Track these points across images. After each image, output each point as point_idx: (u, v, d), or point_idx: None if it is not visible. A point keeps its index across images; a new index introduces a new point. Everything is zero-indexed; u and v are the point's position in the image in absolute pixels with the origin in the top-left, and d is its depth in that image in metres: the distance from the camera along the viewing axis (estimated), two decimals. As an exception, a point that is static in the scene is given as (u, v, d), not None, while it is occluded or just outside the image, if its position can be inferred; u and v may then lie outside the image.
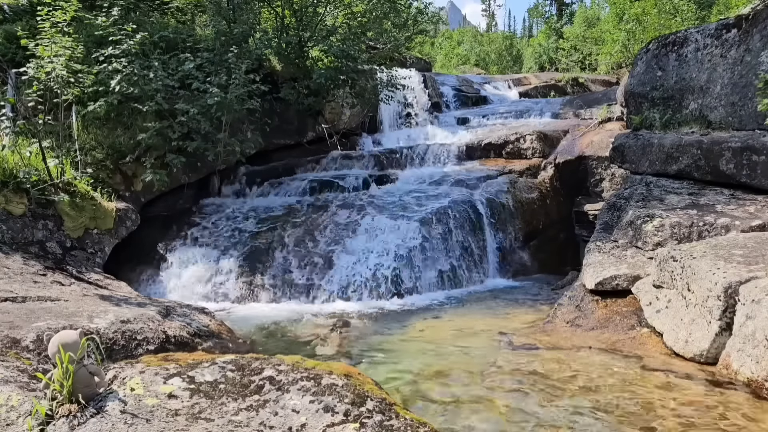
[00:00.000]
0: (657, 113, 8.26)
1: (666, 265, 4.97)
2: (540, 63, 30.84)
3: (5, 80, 8.05)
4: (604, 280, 5.81)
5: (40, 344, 3.64)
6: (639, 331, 5.09)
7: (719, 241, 5.08)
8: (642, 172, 7.97)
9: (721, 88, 7.52)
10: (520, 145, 11.53)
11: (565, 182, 10.12)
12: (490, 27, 51.06)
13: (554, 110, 14.34)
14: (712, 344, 4.17)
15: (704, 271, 4.38)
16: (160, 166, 8.93)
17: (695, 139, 7.32)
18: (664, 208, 6.57)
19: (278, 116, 11.43)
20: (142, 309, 5.13)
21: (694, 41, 7.96)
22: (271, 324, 6.48)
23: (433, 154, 11.91)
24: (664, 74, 8.34)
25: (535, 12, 40.45)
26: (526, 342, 5.08)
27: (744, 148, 6.71)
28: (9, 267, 5.83)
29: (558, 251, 9.60)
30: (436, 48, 37.87)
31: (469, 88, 17.87)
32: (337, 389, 2.64)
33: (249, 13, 12.19)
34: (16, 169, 6.72)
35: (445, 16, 42.69)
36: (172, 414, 2.49)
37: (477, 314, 6.65)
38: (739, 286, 4.04)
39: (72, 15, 7.59)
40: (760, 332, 3.65)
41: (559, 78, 19.76)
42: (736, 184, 6.84)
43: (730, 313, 4.09)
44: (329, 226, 8.67)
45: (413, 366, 4.51)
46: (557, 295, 6.87)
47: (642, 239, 6.27)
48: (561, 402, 3.53)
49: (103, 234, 7.49)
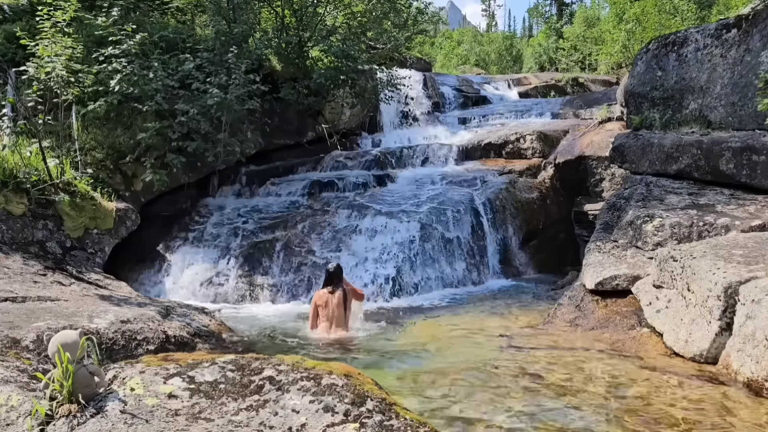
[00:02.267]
0: (657, 113, 8.27)
1: (666, 265, 4.97)
2: (540, 63, 30.86)
3: (5, 80, 8.05)
4: (604, 280, 5.81)
5: (40, 344, 3.64)
6: (639, 331, 5.08)
7: (719, 241, 5.08)
8: (642, 172, 7.96)
9: (721, 88, 7.52)
10: (520, 145, 11.53)
11: (565, 182, 10.12)
12: (490, 27, 51.06)
13: (554, 110, 14.35)
14: (712, 344, 4.16)
15: (704, 271, 4.38)
16: (160, 166, 8.93)
17: (695, 139, 7.32)
18: (664, 208, 6.57)
19: (278, 116, 11.43)
20: (142, 309, 5.13)
21: (694, 41, 7.96)
22: (270, 324, 6.48)
23: (433, 154, 11.91)
24: (664, 74, 8.34)
25: (535, 12, 40.49)
26: (526, 342, 5.07)
27: (744, 148, 6.71)
28: (9, 267, 5.83)
29: (558, 251, 9.60)
30: (436, 48, 37.88)
31: (469, 88, 17.88)
32: (337, 389, 2.64)
33: (249, 13, 12.19)
34: (16, 169, 6.73)
35: (445, 16, 42.69)
36: (172, 414, 2.49)
37: (477, 314, 6.65)
38: (739, 286, 4.04)
39: (72, 15, 7.60)
40: (760, 332, 3.65)
41: (559, 78, 19.78)
42: (736, 184, 6.84)
43: (730, 313, 4.08)
44: (329, 227, 8.68)
45: (412, 366, 4.51)
46: (557, 295, 6.87)
47: (642, 239, 6.27)
48: (560, 402, 3.53)
49: (103, 234, 7.49)
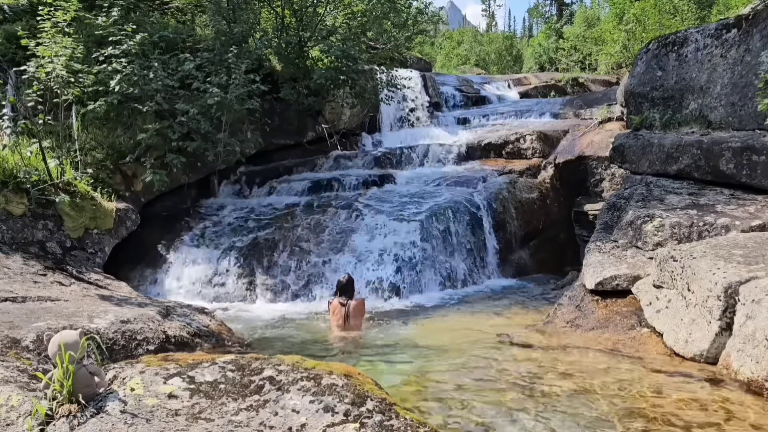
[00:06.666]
0: (657, 113, 8.26)
1: (666, 265, 4.96)
2: (540, 63, 30.85)
3: (5, 80, 8.05)
4: (604, 280, 5.80)
5: (40, 344, 3.63)
6: (639, 331, 5.08)
7: (719, 241, 5.08)
8: (642, 172, 7.96)
9: (721, 88, 7.51)
10: (520, 145, 11.53)
11: (565, 182, 10.11)
12: (490, 27, 51.03)
13: (554, 110, 14.35)
14: (712, 344, 4.16)
15: (704, 271, 4.37)
16: (160, 166, 8.93)
17: (695, 139, 7.31)
18: (664, 208, 6.57)
19: (278, 116, 11.43)
20: (142, 309, 5.12)
21: (694, 41, 7.95)
22: (271, 324, 6.48)
23: (433, 154, 11.92)
24: (664, 74, 8.34)
25: (535, 12, 40.49)
26: (526, 342, 5.07)
27: (744, 148, 6.71)
28: (9, 267, 5.83)
29: (558, 251, 9.60)
30: (436, 48, 37.88)
31: (469, 88, 17.87)
32: (337, 389, 2.64)
33: (249, 13, 12.19)
34: (16, 169, 6.72)
35: (445, 16, 42.67)
36: (172, 414, 2.49)
37: (477, 314, 6.64)
38: (739, 286, 4.03)
39: (72, 15, 7.59)
40: (760, 332, 3.65)
41: (559, 78, 19.75)
42: (736, 184, 6.83)
43: (730, 313, 4.08)
44: (329, 227, 8.67)
45: (413, 366, 4.51)
46: (557, 296, 6.86)
47: (642, 239, 6.27)
48: (560, 402, 3.52)
49: (103, 234, 7.48)
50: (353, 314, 6.07)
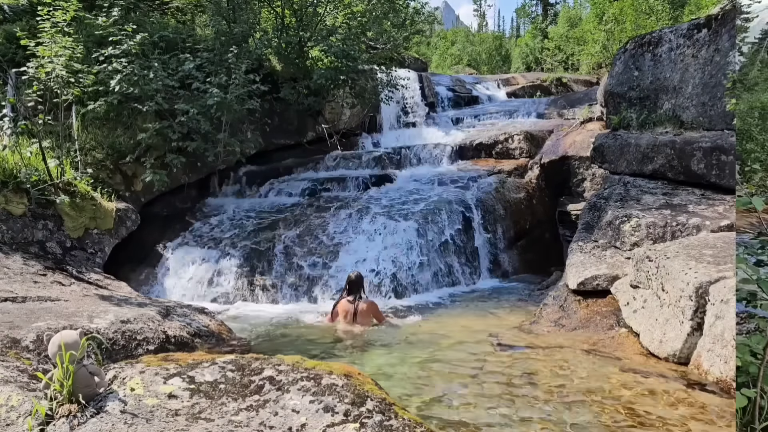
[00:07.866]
0: (634, 113, 8.28)
1: (642, 265, 4.98)
2: (527, 63, 31.01)
3: (5, 80, 8.05)
4: (585, 280, 5.84)
5: (40, 344, 3.64)
6: (617, 331, 5.10)
7: (691, 241, 5.12)
8: (620, 172, 8.00)
9: (692, 88, 7.55)
10: (509, 145, 11.64)
11: (550, 182, 10.13)
12: (481, 27, 50.96)
13: (540, 110, 14.54)
14: (684, 344, 4.15)
15: (677, 271, 4.39)
16: (160, 166, 8.93)
17: (669, 139, 7.36)
18: (640, 208, 6.63)
19: (278, 116, 11.43)
20: (142, 309, 5.13)
21: (668, 41, 7.96)
22: (270, 324, 6.48)
23: (429, 154, 11.98)
24: (640, 74, 8.33)
25: (522, 12, 40.69)
26: (513, 342, 5.09)
27: (713, 148, 6.77)
28: (9, 267, 5.83)
29: (544, 251, 9.61)
30: (431, 48, 37.90)
31: (461, 88, 17.99)
32: (337, 389, 2.64)
33: (249, 13, 12.19)
34: (16, 169, 6.72)
35: (439, 16, 42.60)
36: (172, 414, 2.49)
37: (468, 315, 6.71)
38: (710, 286, 4.03)
39: (72, 15, 7.59)
40: (729, 332, 3.64)
41: (545, 78, 19.85)
42: (707, 183, 6.90)
43: (701, 313, 4.07)
44: (329, 227, 8.68)
45: (407, 366, 4.52)
46: (543, 296, 6.90)
47: (620, 239, 6.33)
48: (542, 402, 3.55)
49: (103, 234, 7.49)
50: (361, 314, 6.10)
